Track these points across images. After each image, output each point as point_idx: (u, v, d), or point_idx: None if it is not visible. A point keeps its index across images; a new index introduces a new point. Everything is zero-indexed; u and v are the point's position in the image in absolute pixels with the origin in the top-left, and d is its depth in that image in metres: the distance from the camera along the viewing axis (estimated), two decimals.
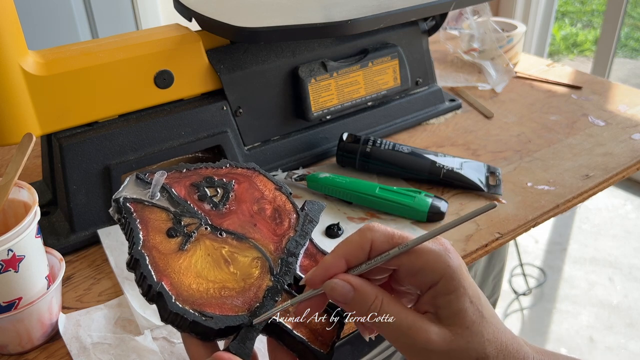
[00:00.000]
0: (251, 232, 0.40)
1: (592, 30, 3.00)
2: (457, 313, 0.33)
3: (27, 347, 0.47)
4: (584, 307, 1.60)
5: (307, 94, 0.68)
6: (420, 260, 0.34)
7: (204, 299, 0.35)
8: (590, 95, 0.90)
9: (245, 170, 0.44)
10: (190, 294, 0.35)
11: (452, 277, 0.33)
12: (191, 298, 0.35)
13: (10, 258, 0.42)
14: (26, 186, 0.48)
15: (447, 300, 0.33)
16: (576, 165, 0.70)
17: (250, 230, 0.40)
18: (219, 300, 0.36)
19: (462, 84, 0.93)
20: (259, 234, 0.40)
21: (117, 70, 0.58)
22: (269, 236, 0.40)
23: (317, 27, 0.60)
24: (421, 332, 0.33)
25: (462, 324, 0.33)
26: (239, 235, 0.39)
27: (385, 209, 0.61)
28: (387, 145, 0.68)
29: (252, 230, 0.40)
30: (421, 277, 0.34)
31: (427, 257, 0.34)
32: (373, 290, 0.34)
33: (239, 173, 0.44)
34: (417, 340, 0.33)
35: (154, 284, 0.35)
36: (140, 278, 0.35)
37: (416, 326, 0.33)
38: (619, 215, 1.96)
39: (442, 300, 0.34)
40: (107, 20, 1.72)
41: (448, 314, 0.33)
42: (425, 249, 0.34)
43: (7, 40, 0.51)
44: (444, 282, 0.33)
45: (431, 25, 0.81)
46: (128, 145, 0.60)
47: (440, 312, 0.34)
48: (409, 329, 0.33)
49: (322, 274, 0.35)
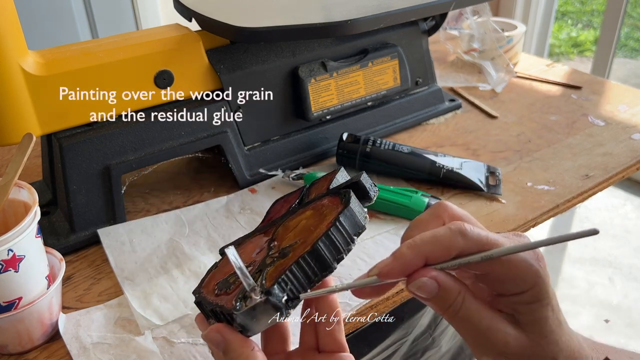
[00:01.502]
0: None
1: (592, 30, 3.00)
2: (539, 321, 0.32)
3: (27, 347, 0.47)
4: (584, 307, 1.60)
5: (307, 94, 0.68)
6: (512, 270, 0.32)
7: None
8: (590, 95, 0.90)
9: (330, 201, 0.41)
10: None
11: (541, 287, 0.32)
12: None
13: (10, 258, 0.42)
14: (26, 186, 0.48)
15: (530, 308, 0.32)
16: (576, 165, 0.70)
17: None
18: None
19: (462, 84, 0.93)
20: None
21: (117, 70, 0.58)
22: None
23: (317, 27, 0.60)
24: (499, 334, 0.32)
25: (541, 332, 0.32)
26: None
27: (382, 209, 0.61)
28: (387, 145, 0.68)
29: None
30: (509, 286, 0.32)
31: (519, 265, 0.32)
32: (456, 287, 0.32)
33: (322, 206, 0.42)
34: (494, 342, 0.32)
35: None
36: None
37: (495, 327, 0.32)
38: (619, 215, 1.96)
39: (525, 308, 0.32)
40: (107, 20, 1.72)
41: (529, 320, 0.32)
42: (519, 258, 0.32)
43: (7, 40, 0.51)
44: (532, 292, 0.32)
45: (431, 25, 0.81)
46: (128, 145, 0.60)
47: (521, 318, 0.33)
48: (488, 330, 0.32)
49: (400, 269, 0.32)
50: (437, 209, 0.35)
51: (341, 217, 0.37)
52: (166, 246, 0.57)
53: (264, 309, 0.35)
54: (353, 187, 0.42)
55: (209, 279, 0.42)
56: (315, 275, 0.36)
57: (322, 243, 0.36)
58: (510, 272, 0.32)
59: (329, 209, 0.40)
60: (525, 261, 0.31)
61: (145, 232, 0.59)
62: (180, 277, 0.53)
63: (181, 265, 0.55)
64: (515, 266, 0.32)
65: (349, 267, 0.54)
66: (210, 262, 0.55)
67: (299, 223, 0.41)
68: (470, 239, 0.32)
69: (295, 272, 0.36)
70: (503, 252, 0.31)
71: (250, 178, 0.67)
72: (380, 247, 0.56)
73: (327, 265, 0.36)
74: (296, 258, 0.36)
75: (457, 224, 0.32)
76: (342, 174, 0.46)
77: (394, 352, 0.71)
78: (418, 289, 0.32)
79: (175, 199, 0.66)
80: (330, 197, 0.41)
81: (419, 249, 0.32)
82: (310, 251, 0.36)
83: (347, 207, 0.38)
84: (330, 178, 0.45)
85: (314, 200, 0.43)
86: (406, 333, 0.70)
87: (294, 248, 0.38)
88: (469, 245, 0.32)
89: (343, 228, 0.37)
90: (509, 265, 0.32)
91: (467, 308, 0.32)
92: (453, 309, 0.32)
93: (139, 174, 0.69)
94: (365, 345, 0.66)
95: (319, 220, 0.39)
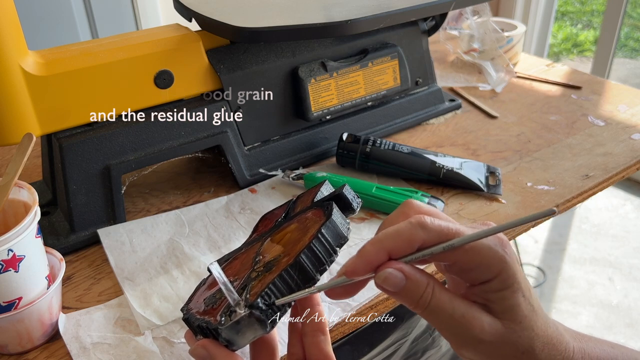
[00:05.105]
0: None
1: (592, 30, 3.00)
2: (511, 308, 0.33)
3: (27, 347, 0.47)
4: (584, 307, 1.60)
5: (307, 94, 0.68)
6: (476, 258, 0.32)
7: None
8: (590, 95, 0.90)
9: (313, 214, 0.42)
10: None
11: (509, 275, 0.32)
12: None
13: (10, 258, 0.42)
14: (26, 186, 0.48)
15: (500, 295, 0.33)
16: (576, 165, 0.70)
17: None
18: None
19: (462, 84, 0.93)
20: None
21: (117, 70, 0.58)
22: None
23: (317, 27, 0.60)
24: (475, 321, 0.32)
25: (514, 318, 0.33)
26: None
27: (382, 209, 0.61)
28: (387, 145, 0.68)
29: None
30: (476, 274, 0.33)
31: (483, 253, 0.32)
32: (424, 279, 0.33)
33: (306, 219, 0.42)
34: (469, 329, 0.32)
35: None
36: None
37: (469, 315, 0.32)
38: (619, 215, 1.96)
39: (496, 296, 0.33)
40: (107, 20, 1.72)
41: (501, 308, 0.33)
42: (482, 245, 0.32)
43: (7, 40, 0.51)
44: (499, 279, 0.32)
45: (431, 25, 0.81)
46: (128, 145, 0.60)
47: (493, 306, 0.33)
48: (462, 317, 0.32)
49: (364, 266, 0.33)
50: (404, 207, 0.36)
51: (323, 229, 0.38)
52: (166, 246, 0.57)
53: (248, 323, 0.35)
54: (336, 199, 0.42)
55: (197, 296, 0.43)
56: (298, 287, 0.36)
57: (304, 255, 0.37)
58: (475, 259, 0.32)
59: (312, 221, 0.40)
60: (489, 248, 0.32)
61: (145, 232, 0.59)
62: (180, 277, 0.54)
63: (181, 265, 0.55)
64: (479, 253, 0.32)
65: None
66: (210, 262, 0.55)
67: (284, 237, 0.42)
68: (431, 230, 0.32)
69: (278, 284, 0.36)
70: (464, 241, 0.32)
71: (250, 178, 0.67)
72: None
73: (309, 277, 0.37)
74: (279, 271, 0.36)
75: (417, 217, 0.33)
76: (327, 186, 0.47)
77: (394, 352, 0.71)
78: (384, 281, 0.32)
79: (175, 199, 0.66)
80: (314, 210, 0.42)
81: (381, 243, 0.33)
82: (293, 264, 0.36)
83: (329, 219, 0.39)
84: (315, 191, 0.46)
85: (298, 214, 0.43)
86: (406, 333, 0.70)
87: (278, 261, 0.38)
88: (431, 237, 0.32)
89: (325, 240, 0.38)
90: (473, 253, 0.32)
91: (438, 299, 0.32)
92: (424, 301, 0.33)
93: (139, 174, 0.69)
94: (365, 345, 0.66)
95: (302, 233, 0.40)
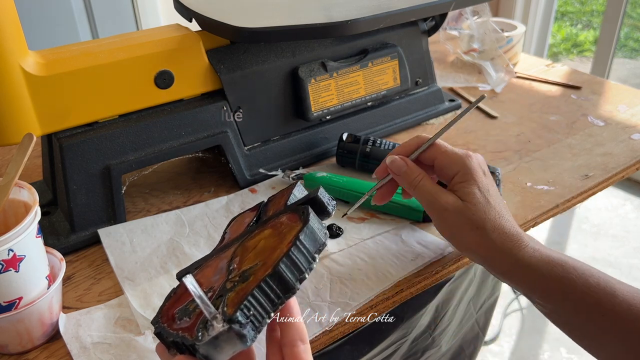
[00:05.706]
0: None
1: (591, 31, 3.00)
2: (468, 194, 0.48)
3: (27, 347, 0.47)
4: None
5: (307, 94, 0.68)
6: (447, 158, 0.50)
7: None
8: (589, 95, 0.90)
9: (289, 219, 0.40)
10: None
11: (467, 171, 0.49)
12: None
13: (10, 258, 0.42)
14: (26, 186, 0.48)
15: (461, 185, 0.49)
16: (576, 165, 0.70)
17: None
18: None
19: (462, 84, 0.93)
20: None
21: (117, 71, 0.58)
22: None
23: (317, 27, 0.60)
24: (444, 196, 0.49)
25: (470, 201, 0.48)
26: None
27: (382, 209, 0.61)
28: (387, 145, 0.68)
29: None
30: (447, 170, 0.50)
31: (452, 157, 0.50)
32: (417, 169, 0.51)
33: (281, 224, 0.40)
34: (440, 201, 0.49)
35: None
36: None
37: (440, 192, 0.49)
38: (619, 215, 1.96)
39: (458, 185, 0.49)
40: (107, 20, 1.72)
41: (461, 194, 0.49)
42: (453, 152, 0.51)
43: (7, 40, 0.51)
44: (460, 174, 0.49)
45: (431, 26, 0.81)
46: (128, 145, 0.60)
47: (457, 193, 0.49)
48: (436, 193, 0.49)
49: (385, 165, 0.53)
50: (412, 139, 0.54)
51: (301, 235, 0.36)
52: (166, 246, 0.57)
53: (227, 338, 0.33)
54: (311, 202, 0.41)
55: (167, 307, 0.40)
56: (278, 297, 0.35)
57: (283, 264, 0.35)
58: (447, 159, 0.51)
59: (288, 227, 0.39)
60: (456, 154, 0.51)
61: (146, 232, 0.59)
62: None
63: (181, 265, 0.55)
64: (450, 156, 0.51)
65: (349, 267, 0.54)
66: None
67: (258, 243, 0.40)
68: (422, 139, 0.53)
69: (257, 296, 0.34)
70: (434, 138, 0.52)
71: (250, 178, 0.67)
72: (380, 247, 0.56)
73: (289, 287, 0.35)
74: (257, 282, 0.35)
75: (417, 135, 0.53)
76: (299, 189, 0.45)
77: (394, 352, 0.71)
78: (391, 164, 0.52)
79: (175, 199, 0.66)
80: (288, 214, 0.40)
81: (395, 150, 0.54)
82: (272, 274, 0.35)
83: (307, 225, 0.37)
84: (287, 193, 0.44)
85: (272, 218, 0.41)
86: (406, 333, 0.70)
87: (254, 271, 0.36)
88: (422, 143, 0.53)
89: (304, 247, 0.36)
90: (446, 155, 0.51)
91: (424, 183, 0.50)
92: (414, 182, 0.51)
93: (139, 174, 0.69)
94: (365, 345, 0.66)
95: (278, 239, 0.38)
